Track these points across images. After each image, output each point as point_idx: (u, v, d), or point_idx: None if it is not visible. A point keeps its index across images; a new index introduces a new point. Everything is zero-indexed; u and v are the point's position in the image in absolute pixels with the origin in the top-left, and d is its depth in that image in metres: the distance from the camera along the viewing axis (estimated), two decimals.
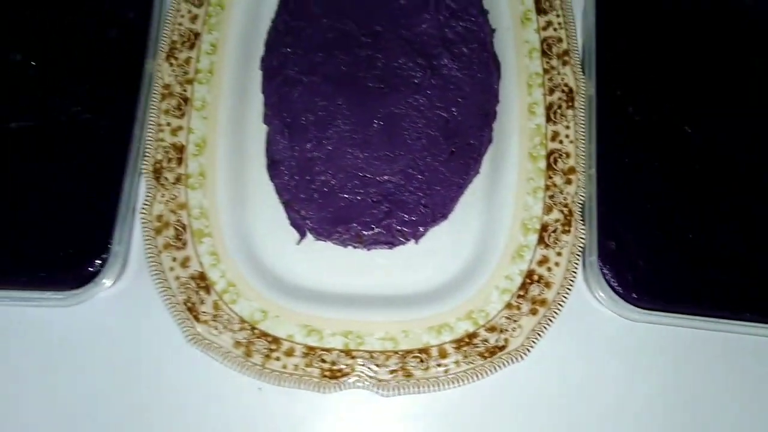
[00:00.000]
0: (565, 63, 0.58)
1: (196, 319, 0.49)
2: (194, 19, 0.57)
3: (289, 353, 0.49)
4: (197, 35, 0.57)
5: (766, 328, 0.51)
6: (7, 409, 0.48)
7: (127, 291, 0.50)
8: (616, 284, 0.52)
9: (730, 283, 0.52)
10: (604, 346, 0.52)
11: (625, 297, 0.51)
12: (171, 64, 0.55)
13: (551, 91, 0.57)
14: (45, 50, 0.55)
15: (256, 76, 0.57)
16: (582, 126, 0.55)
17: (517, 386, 0.50)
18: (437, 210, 0.52)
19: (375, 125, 0.53)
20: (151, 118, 0.53)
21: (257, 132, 0.55)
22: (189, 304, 0.49)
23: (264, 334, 0.49)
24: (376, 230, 0.51)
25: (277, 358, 0.48)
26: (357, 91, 0.53)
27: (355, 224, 0.51)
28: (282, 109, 0.53)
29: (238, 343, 0.48)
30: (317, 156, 0.52)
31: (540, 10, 0.59)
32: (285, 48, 0.54)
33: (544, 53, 0.58)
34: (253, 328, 0.49)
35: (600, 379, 0.51)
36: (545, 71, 0.57)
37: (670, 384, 0.51)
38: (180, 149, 0.53)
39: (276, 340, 0.49)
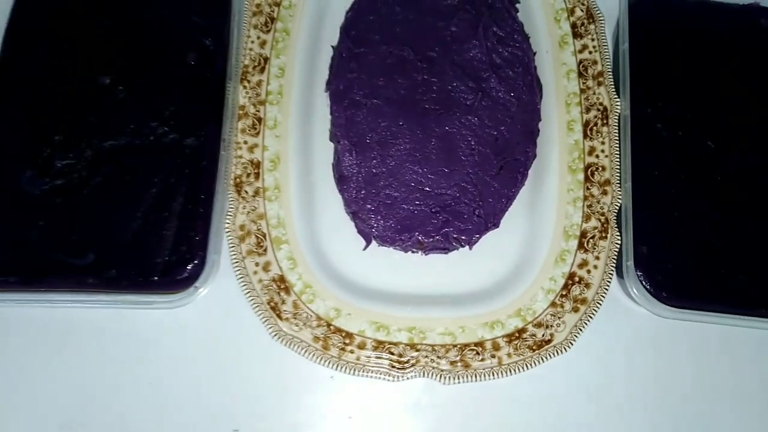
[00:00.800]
0: (599, 84, 0.63)
1: (279, 317, 0.55)
2: (263, 44, 0.63)
3: (362, 346, 0.55)
4: (266, 59, 0.63)
5: None
6: (123, 398, 0.55)
7: (220, 293, 0.56)
8: (648, 285, 0.58)
9: (750, 283, 0.59)
10: (638, 340, 0.58)
11: (656, 296, 0.58)
12: (245, 87, 0.62)
13: (588, 110, 0.63)
14: (131, 75, 0.61)
15: (320, 96, 0.63)
16: (616, 141, 0.61)
17: (561, 376, 0.56)
18: (489, 219, 0.58)
19: (432, 143, 0.59)
20: (231, 137, 0.59)
21: (324, 149, 0.62)
22: (272, 304, 0.56)
23: (339, 330, 0.56)
24: (436, 238, 0.57)
25: (351, 351, 0.55)
26: (416, 112, 0.59)
27: (416, 233, 0.57)
28: (349, 129, 0.59)
29: (316, 338, 0.55)
30: (381, 171, 0.58)
31: (576, 35, 0.65)
32: (350, 73, 0.60)
33: (580, 74, 0.64)
34: (329, 325, 0.56)
35: (634, 370, 0.58)
36: (582, 91, 0.63)
37: (696, 375, 0.58)
38: (257, 165, 0.59)
39: (349, 335, 0.55)
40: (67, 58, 0.61)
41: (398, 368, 0.55)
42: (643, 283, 0.58)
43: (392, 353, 0.55)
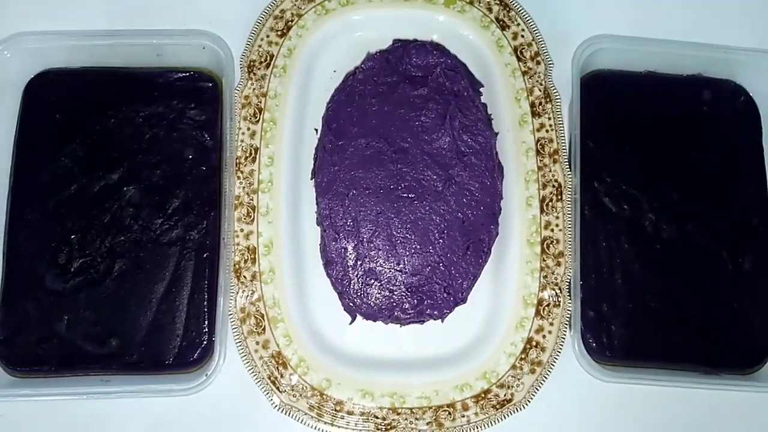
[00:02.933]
0: (555, 161, 0.71)
1: (278, 389, 0.64)
2: (253, 135, 0.70)
3: (351, 412, 0.65)
4: (257, 150, 0.70)
5: (716, 380, 0.67)
6: None
7: (227, 371, 0.65)
8: (594, 345, 0.68)
9: (686, 342, 0.68)
10: (587, 398, 0.68)
11: (601, 356, 0.67)
12: (239, 178, 0.69)
13: (544, 186, 0.71)
14: (136, 173, 0.67)
15: (306, 183, 0.70)
16: (569, 215, 0.70)
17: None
18: (458, 296, 0.67)
19: (408, 228, 0.67)
20: (229, 227, 0.67)
21: (312, 232, 0.69)
22: (272, 378, 0.65)
23: (330, 399, 0.65)
24: (411, 314, 0.66)
25: (342, 417, 0.64)
26: (391, 200, 0.67)
27: (395, 311, 0.66)
28: (333, 219, 0.67)
29: (311, 407, 0.64)
30: (363, 255, 0.67)
31: (534, 114, 0.73)
32: (332, 167, 0.68)
33: (538, 152, 0.72)
34: (321, 394, 0.65)
35: (584, 427, 0.68)
36: (539, 168, 0.71)
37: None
38: (253, 251, 0.67)
39: (340, 403, 0.65)
40: (75, 159, 0.67)
41: (382, 430, 0.64)
42: (589, 343, 0.67)
43: (377, 417, 0.65)
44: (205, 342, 0.64)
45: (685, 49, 0.74)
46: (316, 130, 0.72)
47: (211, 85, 0.70)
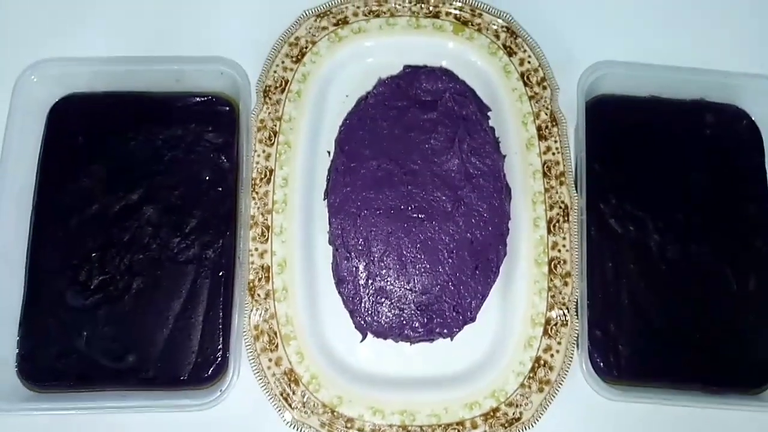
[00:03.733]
0: (561, 183, 0.73)
1: (290, 406, 0.66)
2: (268, 157, 0.72)
3: (361, 429, 0.66)
4: (272, 171, 0.72)
5: (722, 399, 0.67)
6: None
7: (240, 388, 0.66)
8: (601, 364, 0.69)
9: (692, 361, 0.69)
10: (595, 417, 0.69)
11: (608, 375, 0.68)
12: (254, 198, 0.71)
13: (551, 207, 0.72)
14: (155, 193, 0.70)
15: (319, 203, 0.72)
16: (576, 236, 0.71)
17: None
18: (467, 315, 0.68)
19: (418, 248, 0.69)
20: (244, 246, 0.68)
21: (324, 251, 0.71)
22: (284, 395, 0.66)
23: (341, 416, 0.66)
24: (421, 332, 0.68)
25: None
26: (402, 220, 0.69)
27: (405, 329, 0.67)
28: (345, 239, 0.69)
29: (323, 424, 0.65)
30: (374, 274, 0.68)
31: (541, 137, 0.74)
32: (345, 188, 0.70)
33: (545, 174, 0.73)
34: (333, 411, 0.66)
35: None
36: (546, 190, 0.73)
37: None
38: (267, 269, 0.69)
39: (350, 420, 0.66)
40: (97, 179, 0.69)
41: None
42: (597, 363, 0.68)
43: None
44: (219, 359, 0.66)
45: (688, 75, 0.76)
46: (329, 152, 0.74)
47: (228, 109, 0.73)
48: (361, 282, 0.68)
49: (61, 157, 0.70)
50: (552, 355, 0.68)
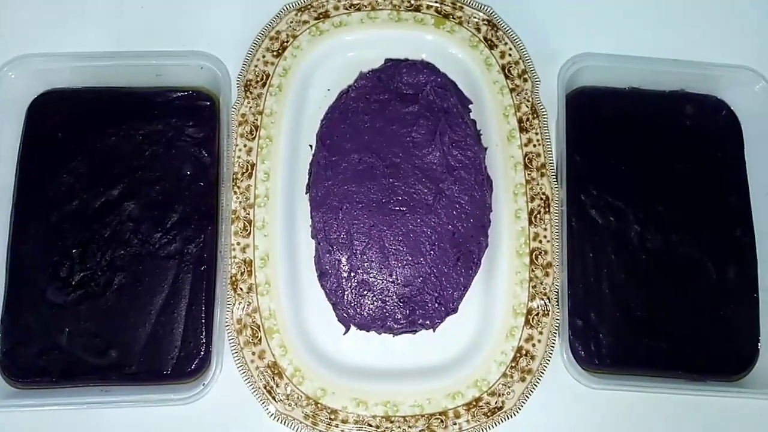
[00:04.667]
0: (542, 175, 0.73)
1: (274, 399, 0.66)
2: (250, 151, 0.72)
3: (345, 421, 0.66)
4: (253, 165, 0.72)
5: (703, 386, 0.68)
6: None
7: (224, 381, 0.66)
8: (582, 353, 0.69)
9: (673, 349, 0.70)
10: (575, 404, 0.69)
11: (589, 364, 0.69)
12: (235, 193, 0.71)
13: (532, 199, 0.73)
14: (136, 189, 0.69)
15: (301, 197, 0.72)
16: (557, 227, 0.72)
17: None
18: (449, 306, 0.68)
19: (400, 240, 0.69)
20: (226, 240, 0.68)
21: (307, 245, 0.71)
22: (267, 388, 0.66)
23: (325, 407, 0.66)
24: (404, 324, 0.68)
25: (337, 426, 0.66)
26: (384, 213, 0.69)
27: (388, 321, 0.68)
28: (327, 232, 0.69)
29: (306, 416, 0.66)
30: (356, 267, 0.68)
31: (522, 129, 0.75)
32: (326, 181, 0.70)
33: (526, 166, 0.74)
34: (316, 403, 0.66)
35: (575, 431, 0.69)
36: (527, 182, 0.73)
37: None
38: (249, 263, 0.69)
39: (334, 412, 0.66)
40: (77, 175, 0.69)
41: None
42: (578, 351, 0.69)
43: (371, 425, 0.66)
44: (202, 353, 0.66)
45: (668, 66, 0.76)
46: (311, 146, 0.74)
47: (208, 103, 0.72)
48: (344, 275, 0.68)
49: (40, 153, 0.70)
50: (534, 345, 0.69)
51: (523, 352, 0.68)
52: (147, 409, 0.66)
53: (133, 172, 0.70)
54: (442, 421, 0.66)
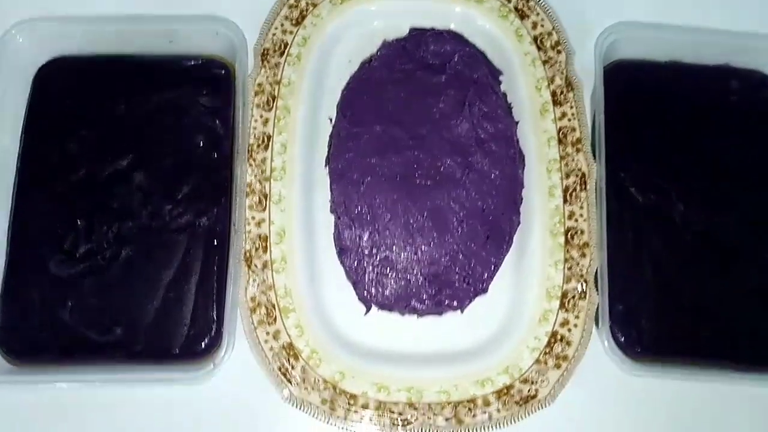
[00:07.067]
0: (578, 150, 0.68)
1: (289, 382, 0.61)
2: (266, 122, 0.68)
3: (365, 407, 0.61)
4: (270, 137, 0.68)
5: (748, 376, 0.63)
6: None
7: (236, 363, 0.61)
8: (622, 340, 0.64)
9: (716, 337, 0.64)
10: (616, 395, 0.64)
11: (631, 351, 0.63)
12: (251, 165, 0.67)
13: (567, 176, 0.68)
14: (146, 159, 0.66)
15: (320, 171, 0.68)
16: (593, 205, 0.67)
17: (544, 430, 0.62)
18: (478, 286, 0.64)
19: (425, 216, 0.64)
20: (240, 214, 0.64)
21: (325, 220, 0.67)
22: (282, 370, 0.61)
23: (344, 392, 0.61)
24: (429, 304, 0.63)
25: (356, 412, 0.61)
26: (408, 187, 0.65)
27: (412, 300, 0.63)
28: (347, 206, 0.64)
29: (324, 401, 0.61)
30: (378, 244, 0.64)
31: (556, 102, 0.70)
32: (347, 153, 0.66)
33: (560, 141, 0.69)
34: (334, 388, 0.61)
35: (611, 425, 0.64)
36: (561, 158, 0.68)
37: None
38: (264, 239, 0.65)
39: (353, 397, 0.61)
40: (85, 144, 0.66)
41: (399, 426, 0.60)
42: (618, 339, 0.64)
43: (393, 412, 0.61)
44: (213, 332, 0.62)
45: (711, 37, 0.72)
46: (331, 119, 0.70)
47: (223, 72, 0.69)
48: (365, 252, 0.64)
49: (47, 121, 0.67)
50: (569, 330, 0.63)
51: (558, 337, 0.63)
52: (152, 389, 0.62)
53: (143, 142, 0.66)
54: (470, 409, 0.61)
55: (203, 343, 0.61)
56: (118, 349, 0.61)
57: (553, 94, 0.70)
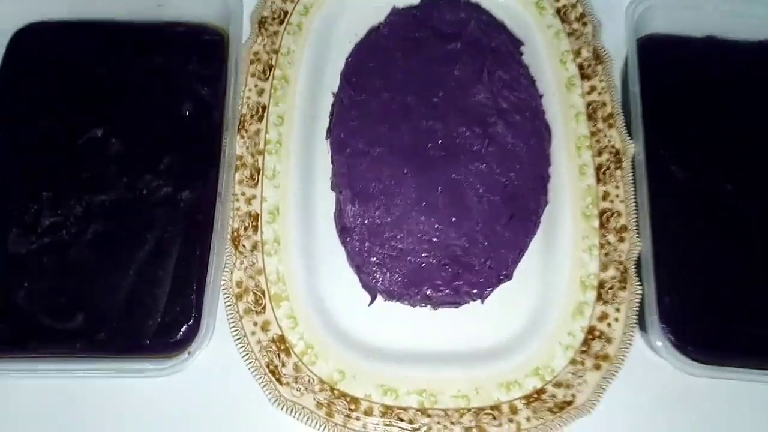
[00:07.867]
0: (610, 126, 0.61)
1: (279, 381, 0.52)
2: (261, 92, 0.61)
3: (368, 412, 0.51)
4: (265, 108, 0.61)
5: None
6: None
7: (216, 357, 0.53)
8: (673, 338, 0.54)
9: None
10: (666, 399, 0.54)
11: (683, 350, 0.54)
12: (242, 136, 0.59)
13: (599, 153, 0.60)
14: (125, 126, 0.58)
15: (321, 144, 0.61)
16: (631, 185, 0.59)
17: None
18: (501, 271, 0.55)
19: (439, 192, 0.56)
20: (228, 189, 0.56)
21: (325, 199, 0.59)
22: (271, 367, 0.52)
23: (343, 395, 0.52)
24: (445, 292, 0.54)
25: (357, 418, 0.51)
26: (420, 160, 0.57)
27: (424, 287, 0.54)
28: (351, 179, 0.56)
29: (319, 404, 0.51)
30: (386, 222, 0.56)
31: (584, 76, 0.63)
32: (351, 121, 0.58)
33: (589, 117, 0.62)
34: (332, 389, 0.52)
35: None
36: (592, 134, 0.61)
37: None
38: (255, 217, 0.57)
39: (355, 400, 0.52)
40: (57, 110, 0.59)
41: None
42: (669, 336, 0.54)
43: (402, 419, 0.51)
44: (191, 321, 0.53)
45: (751, 9, 0.65)
46: (333, 93, 0.63)
47: (216, 38, 0.62)
48: (370, 231, 0.56)
49: (20, 90, 0.60)
50: (609, 325, 0.54)
51: (596, 333, 0.54)
52: (118, 381, 0.52)
53: (123, 109, 0.59)
54: (494, 417, 0.51)
55: (179, 334, 0.52)
56: (79, 338, 0.52)
57: (580, 67, 0.64)
